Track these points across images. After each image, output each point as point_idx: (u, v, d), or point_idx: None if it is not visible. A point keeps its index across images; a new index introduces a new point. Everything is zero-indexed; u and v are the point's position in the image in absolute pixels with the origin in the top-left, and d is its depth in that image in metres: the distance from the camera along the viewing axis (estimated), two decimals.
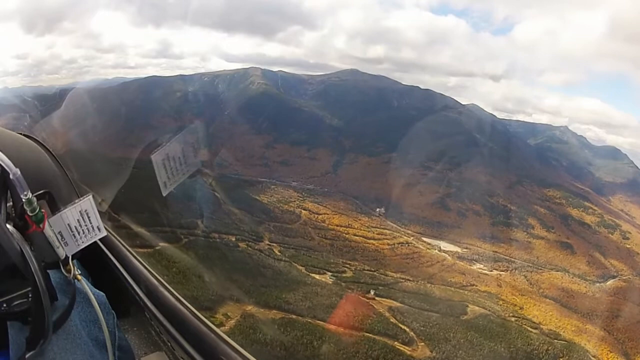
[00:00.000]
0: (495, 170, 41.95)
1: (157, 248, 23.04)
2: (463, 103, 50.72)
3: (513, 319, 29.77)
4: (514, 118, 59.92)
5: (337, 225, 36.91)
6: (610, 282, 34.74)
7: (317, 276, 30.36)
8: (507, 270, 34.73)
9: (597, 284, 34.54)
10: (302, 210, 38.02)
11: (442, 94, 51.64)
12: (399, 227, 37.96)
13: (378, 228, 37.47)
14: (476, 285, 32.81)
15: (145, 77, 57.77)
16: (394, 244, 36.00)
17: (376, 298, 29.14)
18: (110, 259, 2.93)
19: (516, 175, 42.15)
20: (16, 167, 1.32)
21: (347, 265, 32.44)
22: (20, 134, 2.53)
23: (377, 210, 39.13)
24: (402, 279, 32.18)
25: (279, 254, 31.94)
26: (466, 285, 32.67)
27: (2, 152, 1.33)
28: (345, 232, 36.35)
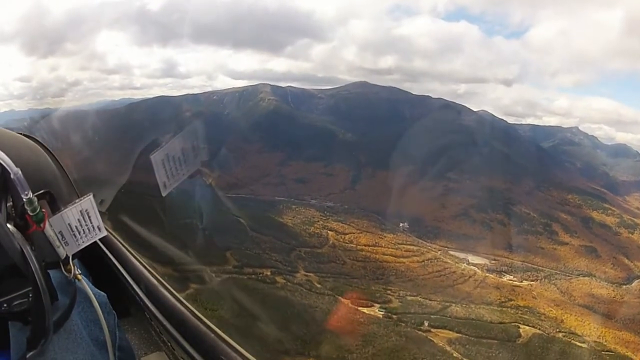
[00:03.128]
0: (513, 177, 41.94)
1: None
2: (474, 110, 50.74)
3: (560, 335, 29.71)
4: (524, 122, 59.66)
5: (365, 245, 36.59)
6: (635, 283, 34.89)
7: (365, 310, 29.68)
8: (537, 280, 34.74)
9: (624, 286, 34.66)
10: (329, 232, 37.58)
11: (454, 102, 51.63)
12: (425, 242, 37.85)
13: (404, 244, 37.30)
14: (515, 300, 32.62)
15: (153, 98, 57.61)
16: (423, 261, 35.81)
17: (432, 330, 28.57)
18: (110, 259, 3.01)
19: (534, 180, 42.25)
20: (16, 167, 1.34)
21: (390, 293, 31.97)
22: (20, 133, 2.60)
23: (401, 225, 38.89)
24: (447, 302, 31.76)
25: (320, 286, 31.39)
26: (505, 302, 32.45)
27: (2, 152, 1.35)
28: (374, 251, 36.09)
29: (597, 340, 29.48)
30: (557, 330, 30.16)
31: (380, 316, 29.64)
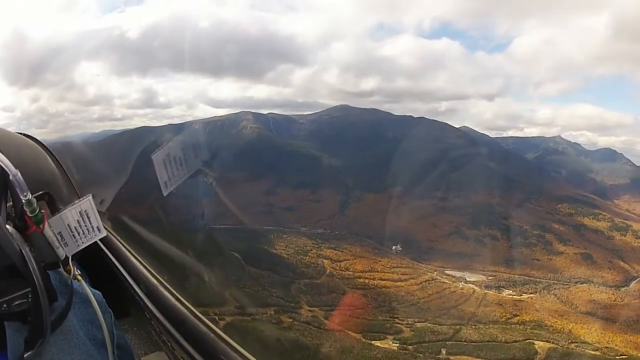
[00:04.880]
0: (502, 191, 42.09)
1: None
2: (456, 127, 51.24)
3: (573, 345, 29.56)
4: (506, 135, 60.30)
5: (362, 272, 36.02)
6: (632, 285, 35.12)
7: (379, 343, 28.71)
8: (537, 292, 34.71)
9: (623, 289, 34.84)
10: (324, 260, 36.88)
11: (435, 120, 52.31)
12: (420, 264, 37.52)
13: (400, 267, 36.90)
14: (520, 315, 32.44)
15: (135, 128, 57.66)
16: (421, 283, 35.42)
17: (450, 358, 28.00)
18: (110, 259, 3.06)
19: (522, 192, 42.44)
20: (16, 167, 1.33)
21: (398, 321, 31.17)
22: (20, 134, 2.65)
23: (394, 248, 38.49)
24: (456, 325, 31.26)
25: (327, 321, 30.42)
26: (511, 318, 32.20)
27: (2, 152, 1.35)
28: (372, 277, 35.52)
29: (607, 346, 29.39)
30: (569, 341, 29.96)
31: (396, 348, 28.76)
